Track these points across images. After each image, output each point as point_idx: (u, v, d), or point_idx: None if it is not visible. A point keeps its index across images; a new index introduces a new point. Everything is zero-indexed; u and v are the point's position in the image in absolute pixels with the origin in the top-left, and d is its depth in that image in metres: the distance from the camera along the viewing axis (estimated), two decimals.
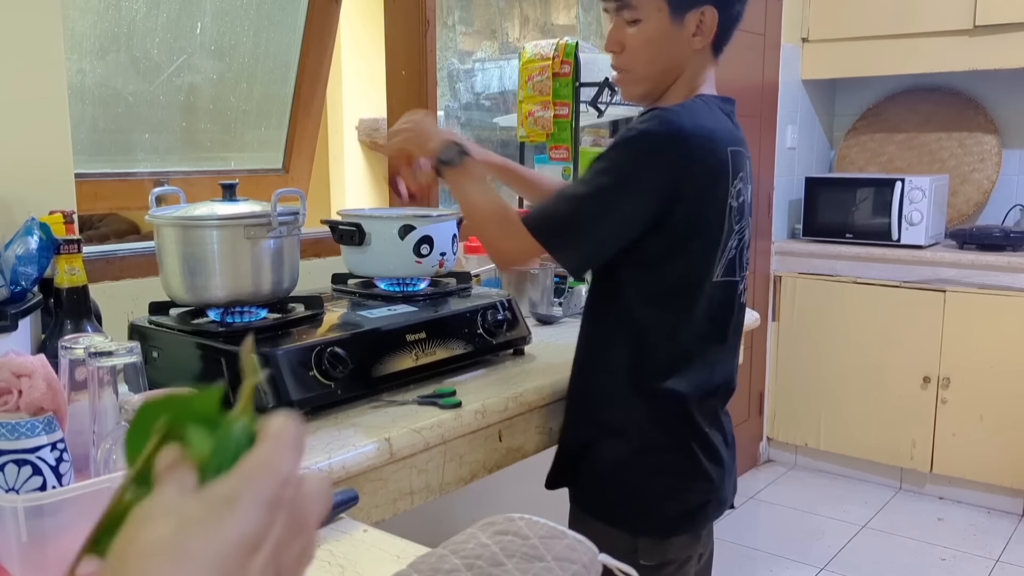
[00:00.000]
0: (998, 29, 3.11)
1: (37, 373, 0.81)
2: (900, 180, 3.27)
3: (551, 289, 1.93)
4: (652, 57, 1.28)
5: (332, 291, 1.63)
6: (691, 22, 1.26)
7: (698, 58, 1.30)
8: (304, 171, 2.52)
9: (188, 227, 1.28)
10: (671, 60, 1.29)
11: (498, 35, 2.50)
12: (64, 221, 1.18)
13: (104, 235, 2.21)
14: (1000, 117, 3.53)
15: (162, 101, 2.07)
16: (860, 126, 3.86)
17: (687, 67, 1.30)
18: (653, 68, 1.29)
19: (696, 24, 1.26)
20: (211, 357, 1.22)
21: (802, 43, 3.59)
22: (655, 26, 1.26)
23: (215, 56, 2.14)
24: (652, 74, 1.30)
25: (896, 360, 3.29)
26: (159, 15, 1.98)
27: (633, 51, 1.28)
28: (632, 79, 1.31)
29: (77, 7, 1.82)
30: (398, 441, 1.15)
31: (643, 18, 1.26)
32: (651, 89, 1.32)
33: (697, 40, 1.27)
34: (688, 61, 1.29)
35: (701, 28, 1.27)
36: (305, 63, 2.34)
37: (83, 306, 1.14)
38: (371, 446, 1.12)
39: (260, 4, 2.18)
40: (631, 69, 1.30)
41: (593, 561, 0.73)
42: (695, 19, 1.26)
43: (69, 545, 0.76)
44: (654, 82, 1.31)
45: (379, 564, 0.83)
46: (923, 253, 3.22)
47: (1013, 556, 2.86)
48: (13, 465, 0.78)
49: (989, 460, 3.14)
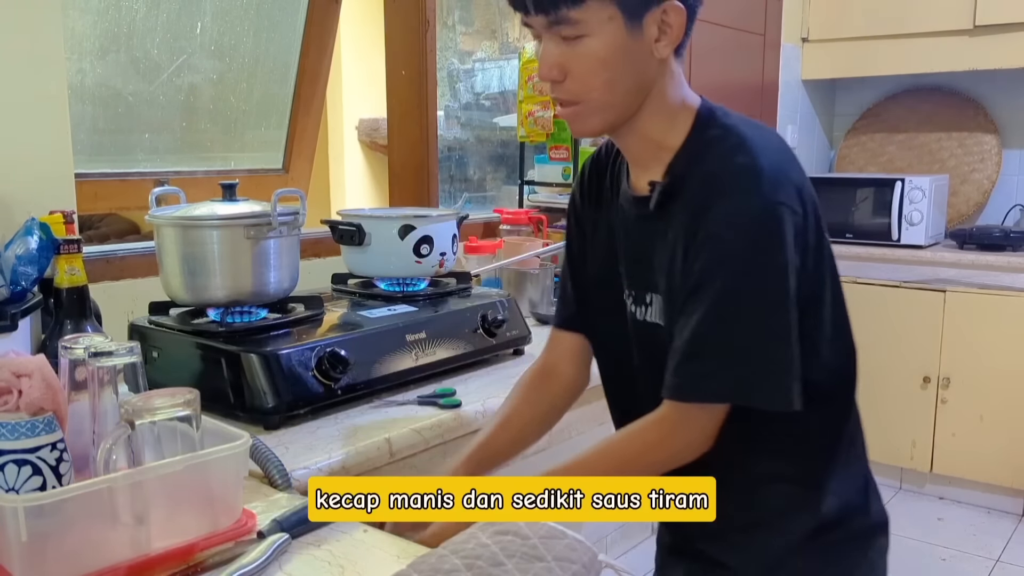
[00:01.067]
0: (998, 29, 3.11)
1: (37, 373, 0.81)
2: (900, 180, 3.27)
3: (551, 289, 1.93)
4: (610, 80, 0.97)
5: (332, 291, 1.63)
6: (651, 26, 0.96)
7: (665, 67, 1.00)
8: (304, 171, 2.52)
9: (188, 227, 1.28)
10: (634, 79, 0.98)
11: (498, 35, 2.50)
12: (64, 221, 1.18)
13: (104, 235, 2.21)
14: (1000, 117, 3.53)
15: (162, 101, 2.07)
16: (860, 126, 3.86)
17: (656, 83, 1.00)
18: (614, 94, 0.98)
19: (657, 27, 0.97)
20: (211, 357, 1.22)
21: (802, 43, 3.59)
22: (607, 40, 0.95)
23: (215, 56, 2.14)
24: (614, 100, 0.99)
25: (896, 360, 3.29)
26: (159, 15, 1.98)
27: (583, 76, 0.97)
28: (587, 111, 1.00)
29: (77, 7, 1.82)
30: (398, 441, 1.15)
31: (589, 32, 0.95)
32: (615, 119, 1.01)
33: (662, 45, 0.98)
34: (655, 75, 1.00)
35: (665, 30, 0.97)
36: (305, 63, 2.34)
37: (83, 306, 1.14)
38: (371, 446, 1.12)
39: (260, 4, 2.18)
40: (584, 99, 0.99)
41: (593, 561, 0.73)
42: (655, 21, 0.96)
43: (69, 545, 0.76)
44: (618, 111, 1.00)
45: (379, 564, 0.83)
46: (923, 253, 3.22)
47: (1013, 556, 2.86)
48: (13, 465, 0.78)
49: (989, 460, 3.14)
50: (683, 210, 0.98)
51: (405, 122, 2.23)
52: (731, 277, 0.93)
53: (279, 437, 1.14)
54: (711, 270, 0.94)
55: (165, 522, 0.82)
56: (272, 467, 1.01)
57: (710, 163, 0.97)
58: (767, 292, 0.93)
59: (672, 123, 1.02)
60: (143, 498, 0.79)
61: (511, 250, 1.99)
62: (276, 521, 0.87)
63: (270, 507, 0.93)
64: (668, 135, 1.02)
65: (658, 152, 1.03)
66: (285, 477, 1.01)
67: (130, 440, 0.81)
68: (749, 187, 0.93)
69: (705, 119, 1.02)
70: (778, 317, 0.93)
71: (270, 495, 0.98)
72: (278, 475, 1.01)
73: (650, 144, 1.03)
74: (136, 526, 0.79)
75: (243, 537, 0.85)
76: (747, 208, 0.93)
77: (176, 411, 0.83)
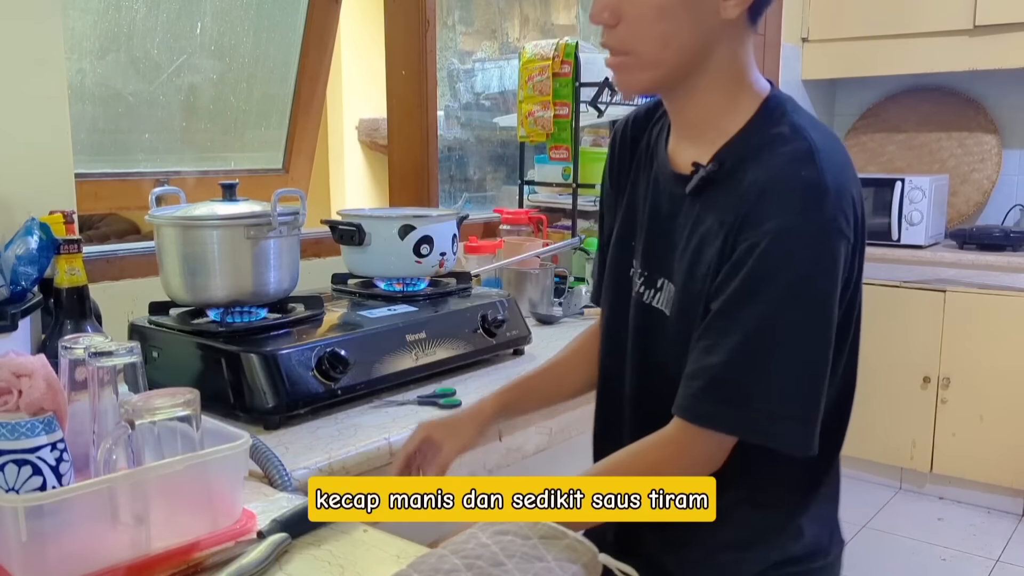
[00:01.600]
0: (998, 29, 3.11)
1: (37, 373, 0.81)
2: (900, 180, 3.27)
3: (551, 289, 1.93)
4: (665, 33, 0.87)
5: (332, 291, 1.63)
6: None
7: (733, 31, 0.89)
8: (304, 171, 2.52)
9: (188, 227, 1.28)
10: (693, 36, 0.88)
11: (498, 35, 2.50)
12: (64, 221, 1.18)
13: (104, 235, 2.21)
14: (1000, 117, 3.53)
15: (162, 101, 2.07)
16: (860, 126, 3.86)
17: (718, 46, 0.89)
18: (667, 49, 0.88)
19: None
20: (211, 357, 1.22)
21: (802, 43, 3.59)
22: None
23: (215, 56, 2.14)
24: (667, 58, 0.88)
25: (896, 360, 3.29)
26: (159, 15, 1.98)
27: (636, 23, 0.88)
28: (636, 65, 0.89)
29: (77, 7, 1.82)
30: (398, 441, 1.15)
31: None
32: (663, 79, 0.91)
33: (731, 5, 0.87)
34: (719, 37, 0.89)
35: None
36: (305, 63, 2.34)
37: (83, 306, 1.14)
38: (371, 446, 1.12)
39: (260, 4, 2.18)
40: (634, 49, 0.89)
41: (593, 561, 0.73)
42: None
43: (69, 545, 0.76)
44: (669, 69, 0.89)
45: (379, 564, 0.83)
46: (923, 253, 3.22)
47: (1013, 556, 2.86)
48: (13, 465, 0.78)
49: (989, 460, 3.14)
50: (728, 207, 0.89)
51: (405, 122, 2.23)
52: (776, 303, 0.85)
53: (279, 437, 1.14)
54: (754, 289, 0.85)
55: (165, 522, 0.82)
56: (272, 467, 1.01)
57: (771, 168, 0.87)
58: (810, 325, 0.86)
59: (733, 102, 0.92)
60: (143, 498, 0.79)
61: (511, 250, 1.99)
62: (276, 521, 0.87)
63: (270, 507, 0.93)
64: (725, 114, 0.92)
65: (709, 130, 0.93)
66: (285, 477, 1.01)
67: (130, 440, 0.81)
68: (810, 207, 0.84)
69: (772, 109, 0.92)
70: (817, 353, 0.87)
71: (270, 495, 0.98)
72: (278, 475, 1.01)
73: (703, 117, 0.93)
74: (136, 526, 0.79)
75: (243, 537, 0.85)
76: (804, 230, 0.85)
77: (176, 411, 0.83)
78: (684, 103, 0.95)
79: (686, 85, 0.92)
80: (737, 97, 0.93)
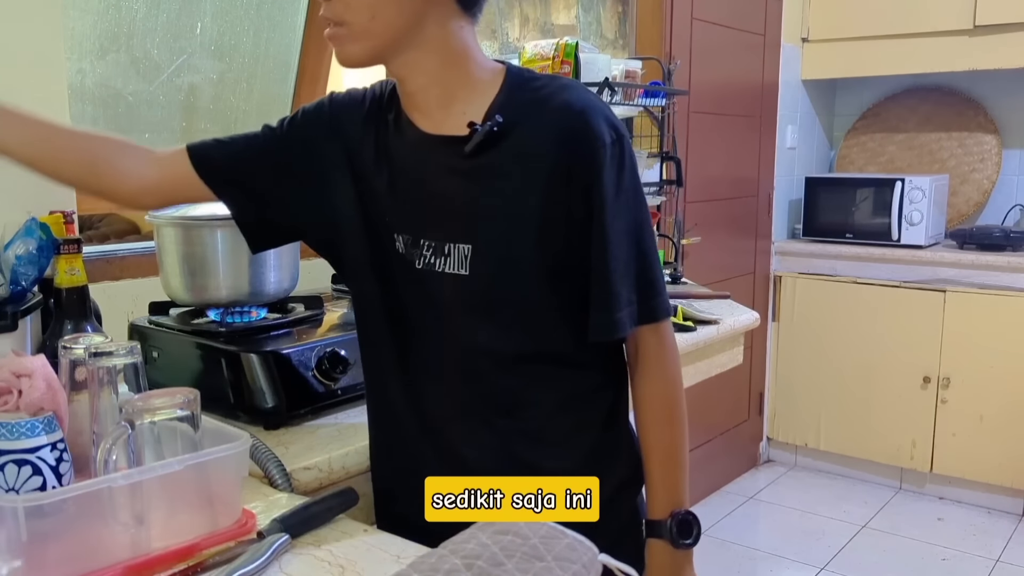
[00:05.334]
0: (998, 29, 3.11)
1: (37, 373, 0.81)
2: (900, 180, 3.27)
3: None
4: (373, 5, 0.94)
5: (332, 291, 1.63)
6: None
7: (441, 10, 0.97)
8: None
9: (188, 227, 1.28)
10: (399, 10, 0.95)
11: (498, 35, 2.49)
12: (64, 221, 1.18)
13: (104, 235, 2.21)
14: (1000, 117, 3.53)
15: (162, 101, 2.07)
16: (860, 126, 3.86)
17: (427, 22, 0.97)
18: (375, 21, 0.95)
19: None
20: (211, 357, 1.22)
21: (802, 43, 3.59)
22: None
23: (215, 56, 2.14)
24: (375, 29, 0.96)
25: (896, 360, 3.29)
26: (159, 15, 1.98)
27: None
28: (349, 36, 0.97)
29: (77, 7, 1.82)
30: None
31: None
32: (377, 51, 0.99)
33: None
34: (427, 14, 0.96)
35: None
36: (305, 63, 2.34)
37: (83, 306, 1.14)
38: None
39: (260, 4, 2.18)
40: (346, 21, 0.96)
41: (593, 561, 0.73)
42: None
43: (69, 545, 0.76)
44: (380, 41, 0.98)
45: (379, 564, 0.83)
46: (923, 253, 3.22)
47: (1013, 556, 2.86)
48: (13, 465, 0.78)
49: (989, 460, 3.14)
50: (531, 157, 0.97)
51: None
52: (634, 208, 1.00)
53: (279, 437, 1.14)
54: (621, 209, 0.98)
55: (165, 522, 0.82)
56: (272, 467, 1.01)
57: (558, 114, 0.97)
58: (649, 215, 1.04)
59: (466, 75, 1.00)
60: (143, 498, 0.79)
61: None
62: (276, 521, 0.87)
63: (270, 507, 0.93)
64: (466, 85, 1.00)
65: (453, 101, 1.00)
66: (285, 477, 1.01)
67: (130, 440, 0.81)
68: (614, 123, 0.99)
69: (519, 73, 1.03)
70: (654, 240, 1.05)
71: (270, 495, 0.98)
72: (278, 475, 1.01)
73: (432, 86, 1.00)
74: (136, 526, 0.80)
75: (243, 537, 0.85)
76: (624, 143, 0.99)
77: (176, 411, 0.83)
78: (408, 74, 1.02)
79: (405, 58, 0.99)
80: (469, 71, 1.01)
